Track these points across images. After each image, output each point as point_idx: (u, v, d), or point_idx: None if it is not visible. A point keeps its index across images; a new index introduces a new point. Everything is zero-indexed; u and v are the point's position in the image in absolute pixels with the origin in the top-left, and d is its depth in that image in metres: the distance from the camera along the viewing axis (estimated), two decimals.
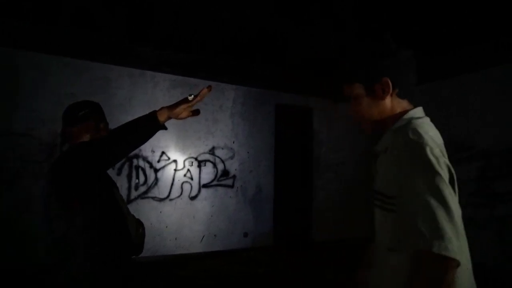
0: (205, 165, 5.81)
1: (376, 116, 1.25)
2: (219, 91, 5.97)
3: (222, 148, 5.97)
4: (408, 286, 1.01)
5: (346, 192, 7.06)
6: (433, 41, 4.37)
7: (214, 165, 5.90)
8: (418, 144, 1.05)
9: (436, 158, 1.02)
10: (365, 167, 7.18)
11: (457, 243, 0.94)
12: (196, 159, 5.75)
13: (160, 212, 5.39)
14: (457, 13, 3.68)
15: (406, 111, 1.22)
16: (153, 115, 1.49)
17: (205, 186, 5.80)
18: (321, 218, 6.78)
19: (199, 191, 5.74)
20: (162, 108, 1.51)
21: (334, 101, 7.07)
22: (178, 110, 1.51)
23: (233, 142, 6.07)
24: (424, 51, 4.66)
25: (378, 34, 1.27)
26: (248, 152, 6.18)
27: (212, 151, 5.88)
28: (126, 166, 5.19)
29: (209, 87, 1.53)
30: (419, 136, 1.07)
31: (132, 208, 5.05)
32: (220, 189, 5.91)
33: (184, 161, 5.65)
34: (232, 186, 6.00)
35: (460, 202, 1.17)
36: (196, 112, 1.58)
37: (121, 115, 5.11)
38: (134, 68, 5.28)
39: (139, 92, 5.34)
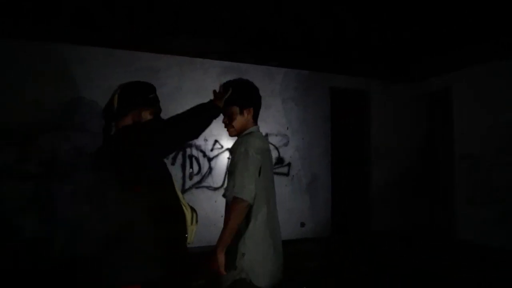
0: None
1: (239, 127, 1.97)
2: (269, 75, 5.74)
3: (276, 135, 5.76)
4: (226, 215, 1.79)
5: (405, 180, 6.58)
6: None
7: None
8: (246, 146, 1.81)
9: (252, 153, 1.79)
10: (425, 153, 6.65)
11: (249, 195, 1.72)
12: None
13: (215, 201, 5.33)
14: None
15: (249, 128, 1.99)
16: (214, 104, 1.79)
17: None
18: (379, 208, 6.38)
19: None
20: (213, 100, 1.83)
21: (391, 82, 6.56)
22: (220, 104, 1.83)
23: (287, 129, 5.83)
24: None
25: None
26: (302, 139, 5.92)
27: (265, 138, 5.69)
28: (180, 156, 5.17)
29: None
30: (247, 143, 1.83)
31: (187, 197, 5.02)
32: (275, 177, 5.70)
33: None
34: (287, 174, 5.79)
35: None
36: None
37: (171, 105, 5.09)
38: (182, 56, 5.21)
39: (189, 80, 5.27)
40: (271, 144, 5.70)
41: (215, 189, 5.35)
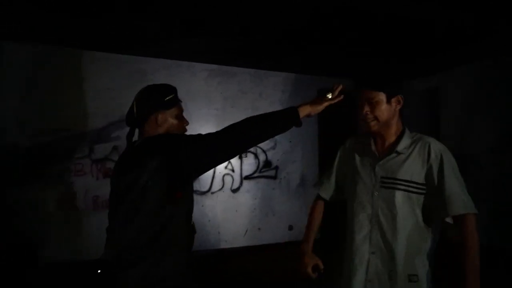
0: (246, 156, 5.60)
1: (385, 119, 1.59)
2: (258, 78, 5.71)
3: None
4: (466, 242, 1.47)
5: None
6: None
7: (256, 156, 5.67)
8: (447, 151, 1.55)
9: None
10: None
11: None
12: None
13: (202, 205, 5.26)
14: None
15: (399, 124, 1.65)
16: (295, 110, 1.52)
17: (247, 178, 5.60)
18: None
19: (241, 183, 5.56)
20: (303, 105, 1.56)
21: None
22: (321, 108, 1.60)
23: None
24: None
25: None
26: (290, 142, 5.90)
27: None
28: None
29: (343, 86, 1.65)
30: (444, 147, 1.56)
31: None
32: (262, 180, 5.68)
33: None
34: (275, 178, 5.76)
35: None
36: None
37: None
38: (169, 59, 5.13)
39: (176, 84, 5.16)
40: (259, 147, 5.66)
41: (203, 193, 5.29)
